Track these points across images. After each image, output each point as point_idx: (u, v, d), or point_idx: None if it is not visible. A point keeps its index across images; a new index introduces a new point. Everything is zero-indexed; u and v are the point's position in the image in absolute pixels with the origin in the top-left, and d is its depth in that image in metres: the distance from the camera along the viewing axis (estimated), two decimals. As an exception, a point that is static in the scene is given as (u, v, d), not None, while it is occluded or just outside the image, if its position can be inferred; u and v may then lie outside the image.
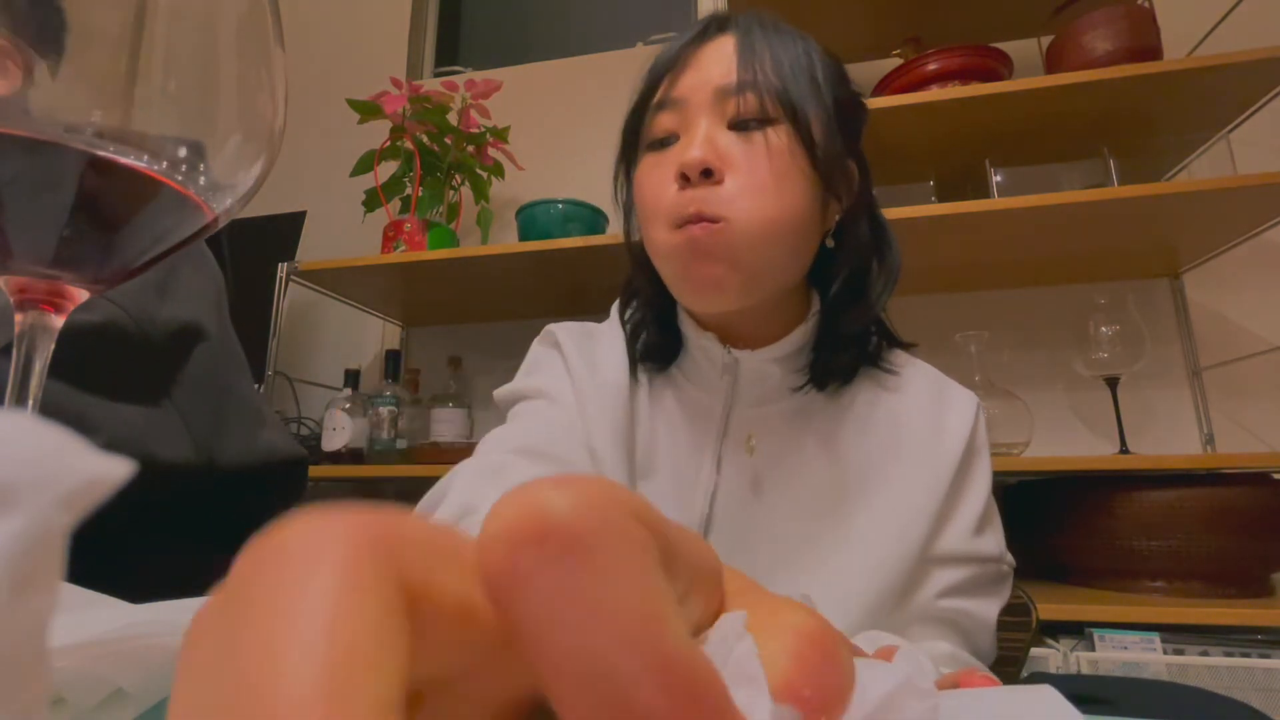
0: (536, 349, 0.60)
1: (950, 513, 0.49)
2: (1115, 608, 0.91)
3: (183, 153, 0.19)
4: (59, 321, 0.20)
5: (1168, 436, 1.27)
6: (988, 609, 0.48)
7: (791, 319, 0.52)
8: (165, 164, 0.19)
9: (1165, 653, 0.89)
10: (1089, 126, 1.20)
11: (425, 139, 1.46)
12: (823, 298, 0.53)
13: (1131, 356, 1.13)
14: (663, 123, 0.48)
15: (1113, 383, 1.15)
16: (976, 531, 0.48)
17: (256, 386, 1.03)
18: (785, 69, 0.46)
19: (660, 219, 0.47)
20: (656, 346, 0.55)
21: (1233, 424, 1.24)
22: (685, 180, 0.45)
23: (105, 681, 0.21)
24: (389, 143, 1.46)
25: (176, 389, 0.47)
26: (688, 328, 0.54)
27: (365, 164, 1.48)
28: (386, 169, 1.49)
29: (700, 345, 0.53)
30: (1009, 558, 0.51)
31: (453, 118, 1.48)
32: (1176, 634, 0.91)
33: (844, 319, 0.51)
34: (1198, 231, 1.15)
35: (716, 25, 0.50)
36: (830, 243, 0.51)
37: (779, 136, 0.45)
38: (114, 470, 0.12)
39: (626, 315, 0.58)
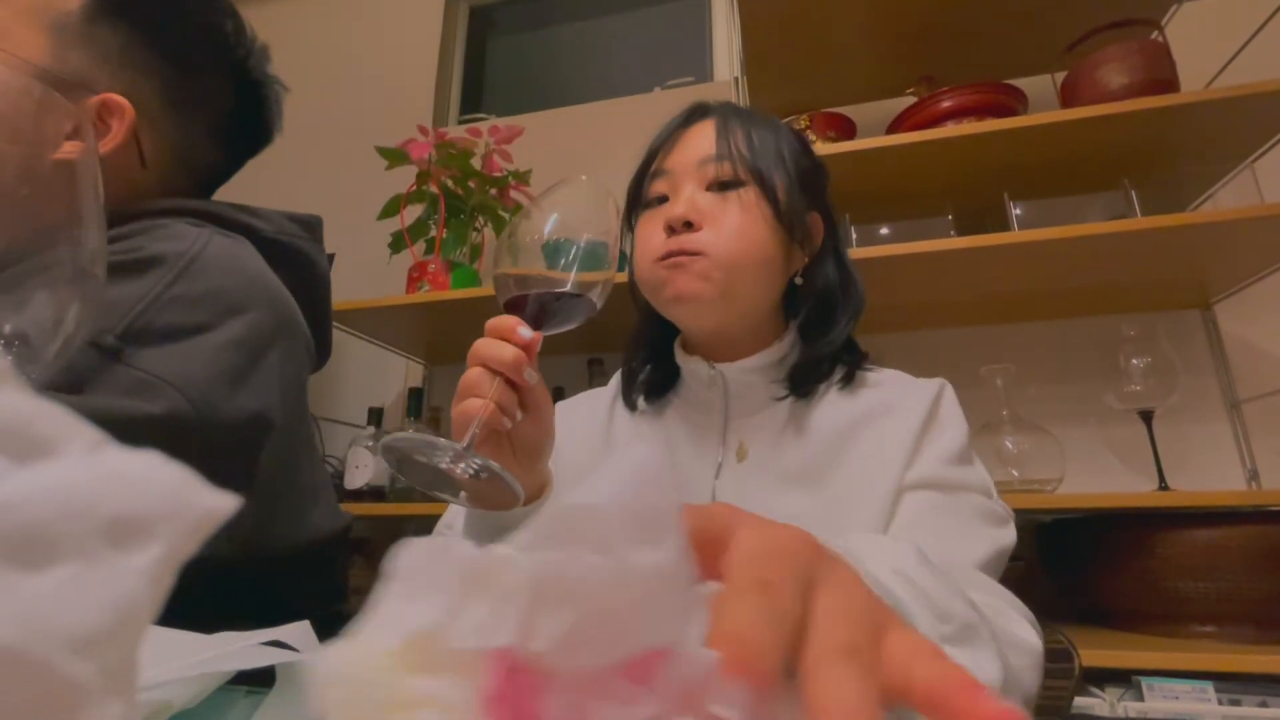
0: None
1: (917, 456, 0.53)
2: (1163, 654, 0.86)
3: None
4: None
5: (1208, 472, 1.22)
6: (969, 544, 0.48)
7: (766, 343, 0.61)
8: None
9: (1220, 703, 0.84)
10: (1108, 159, 1.20)
11: (450, 183, 1.51)
12: (799, 329, 0.62)
13: (1165, 389, 1.10)
14: (657, 187, 0.60)
15: (1147, 416, 1.12)
16: (949, 462, 0.52)
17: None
18: (755, 144, 0.58)
19: (648, 258, 0.58)
20: (657, 381, 0.65)
21: (1278, 458, 1.19)
22: (671, 230, 0.56)
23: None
24: (415, 187, 1.51)
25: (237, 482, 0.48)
26: (680, 356, 0.63)
27: (392, 207, 1.52)
28: (412, 212, 1.53)
29: (690, 369, 0.62)
30: (1001, 503, 0.53)
31: (476, 162, 1.53)
32: (1231, 682, 0.85)
33: (815, 343, 0.60)
34: (1227, 261, 1.13)
35: (700, 112, 0.63)
36: (799, 280, 0.61)
37: (748, 195, 0.57)
38: (224, 504, 0.13)
39: (630, 358, 0.67)
